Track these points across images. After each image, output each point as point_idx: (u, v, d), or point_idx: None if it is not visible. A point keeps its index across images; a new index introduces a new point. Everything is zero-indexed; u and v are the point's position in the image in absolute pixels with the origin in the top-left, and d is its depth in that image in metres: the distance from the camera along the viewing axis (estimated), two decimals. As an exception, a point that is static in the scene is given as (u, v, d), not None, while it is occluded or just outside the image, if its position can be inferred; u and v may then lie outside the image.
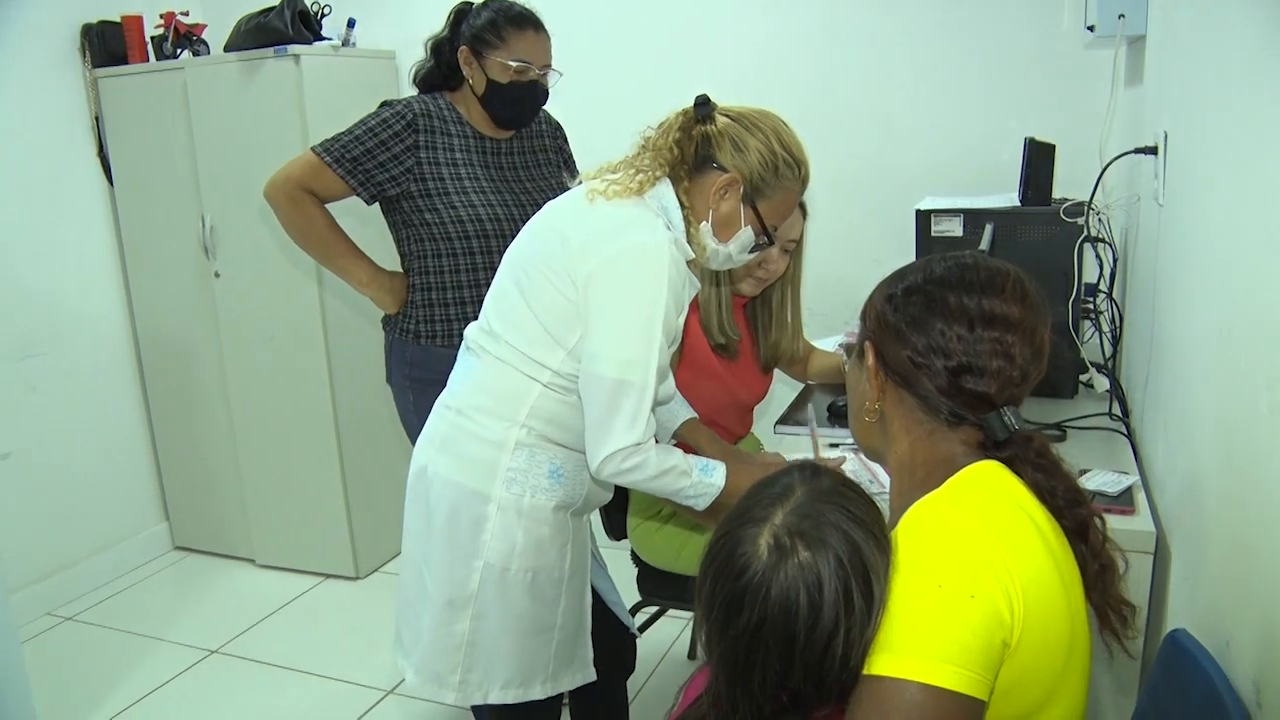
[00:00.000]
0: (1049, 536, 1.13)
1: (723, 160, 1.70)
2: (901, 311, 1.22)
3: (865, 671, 1.03)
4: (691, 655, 3.07)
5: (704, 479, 1.73)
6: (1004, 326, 1.18)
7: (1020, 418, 1.21)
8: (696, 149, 1.71)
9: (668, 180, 1.72)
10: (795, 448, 2.20)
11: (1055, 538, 1.14)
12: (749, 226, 1.75)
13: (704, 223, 1.73)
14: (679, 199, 1.72)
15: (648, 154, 1.74)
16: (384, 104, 2.37)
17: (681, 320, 1.72)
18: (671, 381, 1.87)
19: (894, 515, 1.22)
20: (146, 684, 3.09)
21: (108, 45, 3.67)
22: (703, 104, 1.73)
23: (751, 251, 1.81)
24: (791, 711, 1.08)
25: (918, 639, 1.01)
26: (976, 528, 1.08)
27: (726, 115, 1.72)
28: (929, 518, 1.11)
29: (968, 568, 1.03)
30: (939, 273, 1.23)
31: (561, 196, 1.82)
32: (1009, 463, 1.20)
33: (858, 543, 1.05)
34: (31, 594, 3.52)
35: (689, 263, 1.74)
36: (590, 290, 1.64)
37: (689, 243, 1.72)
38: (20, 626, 2.83)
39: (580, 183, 1.80)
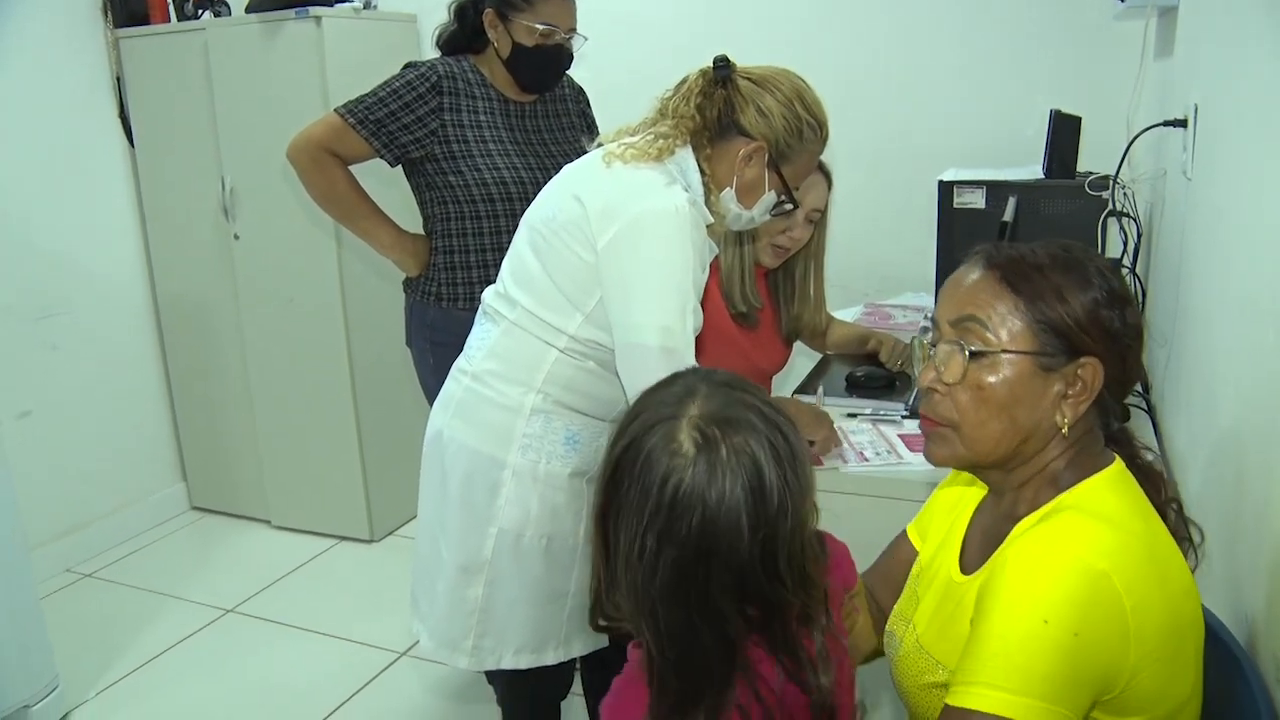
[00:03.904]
0: (1164, 549, 1.09)
1: (746, 125, 1.68)
2: (1120, 319, 1.13)
3: (954, 703, 1.00)
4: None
5: None
6: None
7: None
8: (719, 114, 1.69)
9: (689, 148, 1.70)
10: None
11: (1169, 544, 1.11)
12: (772, 190, 1.73)
13: (727, 189, 1.71)
14: (700, 166, 1.70)
15: (668, 120, 1.71)
16: (408, 65, 2.36)
17: (704, 279, 1.71)
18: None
19: (997, 529, 1.18)
20: (163, 641, 3.12)
21: (129, 5, 3.65)
22: (722, 65, 1.69)
23: (773, 212, 1.79)
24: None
25: (1013, 673, 0.97)
26: (1095, 560, 1.01)
27: (747, 77, 1.70)
28: (1048, 544, 1.05)
29: (1078, 604, 0.98)
30: (1100, 264, 1.14)
31: (578, 160, 1.80)
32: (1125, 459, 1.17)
33: (776, 421, 1.03)
34: (51, 551, 3.55)
35: (707, 227, 1.72)
36: (613, 257, 1.62)
37: (708, 208, 1.71)
38: (40, 582, 2.85)
39: (598, 145, 1.78)
